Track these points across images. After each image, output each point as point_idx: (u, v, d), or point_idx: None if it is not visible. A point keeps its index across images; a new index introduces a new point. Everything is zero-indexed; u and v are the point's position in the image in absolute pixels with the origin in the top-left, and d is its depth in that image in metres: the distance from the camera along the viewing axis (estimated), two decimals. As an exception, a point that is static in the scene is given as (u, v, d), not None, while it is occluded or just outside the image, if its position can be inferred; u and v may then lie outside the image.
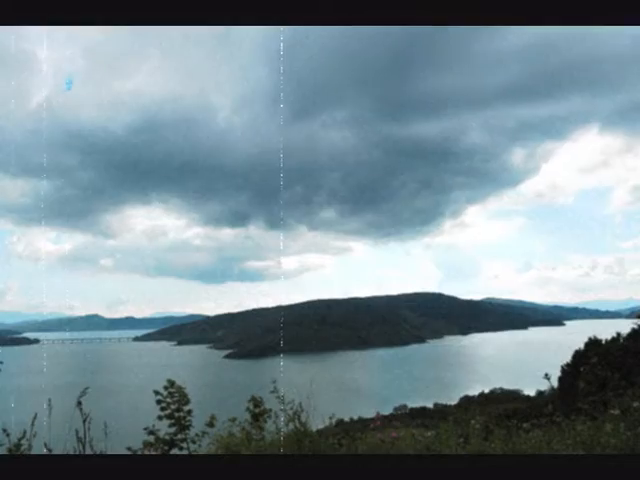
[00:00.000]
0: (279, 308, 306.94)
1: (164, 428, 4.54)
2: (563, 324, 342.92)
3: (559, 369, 31.55)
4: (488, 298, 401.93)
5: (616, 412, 4.46)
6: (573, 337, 50.49)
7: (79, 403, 3.96)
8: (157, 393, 4.65)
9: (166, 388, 4.68)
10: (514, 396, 72.85)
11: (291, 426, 4.63)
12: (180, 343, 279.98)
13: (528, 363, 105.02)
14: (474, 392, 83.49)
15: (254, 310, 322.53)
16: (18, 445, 3.70)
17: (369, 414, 53.13)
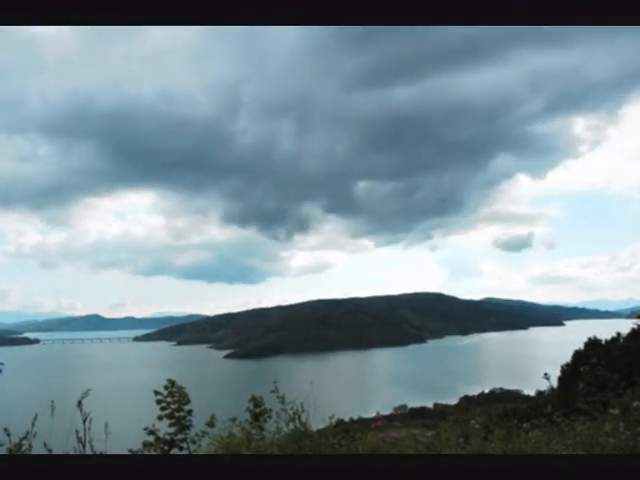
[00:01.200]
0: (279, 308, 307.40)
1: (164, 428, 4.53)
2: (563, 324, 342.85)
3: (559, 369, 31.50)
4: (488, 298, 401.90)
5: (616, 412, 4.46)
6: (573, 337, 50.46)
7: (79, 403, 3.96)
8: (157, 393, 4.62)
9: (166, 388, 4.65)
10: (514, 396, 72.96)
11: (291, 426, 4.62)
12: (180, 343, 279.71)
13: (528, 363, 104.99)
14: (474, 392, 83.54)
15: (254, 310, 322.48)
16: (19, 445, 3.69)
17: (370, 414, 53.23)
